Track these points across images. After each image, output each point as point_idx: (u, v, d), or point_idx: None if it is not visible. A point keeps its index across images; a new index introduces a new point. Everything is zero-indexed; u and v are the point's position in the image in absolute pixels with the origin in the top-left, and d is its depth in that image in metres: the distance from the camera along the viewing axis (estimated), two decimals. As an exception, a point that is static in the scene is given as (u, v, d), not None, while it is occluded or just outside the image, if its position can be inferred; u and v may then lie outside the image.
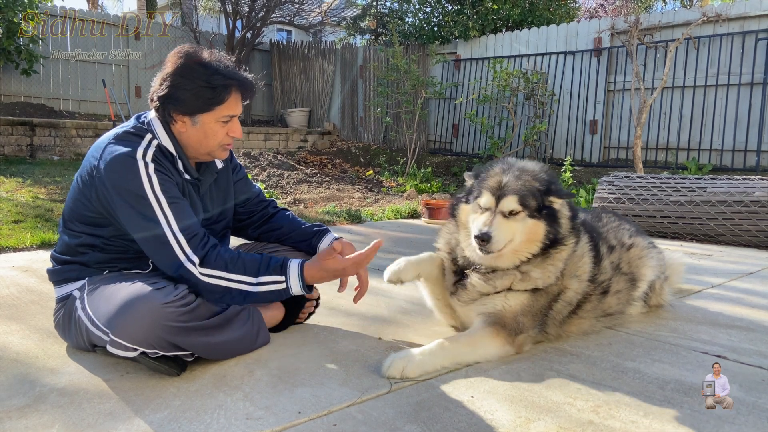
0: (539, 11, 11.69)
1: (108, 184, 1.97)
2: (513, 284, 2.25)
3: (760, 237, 5.03)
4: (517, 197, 2.17)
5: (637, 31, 8.23)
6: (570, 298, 2.36)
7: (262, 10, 13.20)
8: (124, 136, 2.07)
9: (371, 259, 2.18)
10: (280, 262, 2.08)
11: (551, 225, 2.22)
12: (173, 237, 1.97)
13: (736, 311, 2.97)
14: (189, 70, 2.06)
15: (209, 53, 2.13)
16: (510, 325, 2.21)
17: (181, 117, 2.09)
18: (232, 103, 2.11)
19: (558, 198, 2.24)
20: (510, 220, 2.17)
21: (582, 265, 2.38)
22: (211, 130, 2.11)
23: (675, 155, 8.77)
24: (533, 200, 2.19)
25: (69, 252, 2.14)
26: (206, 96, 2.06)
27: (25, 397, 1.78)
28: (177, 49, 2.15)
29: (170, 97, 2.06)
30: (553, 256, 2.26)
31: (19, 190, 6.25)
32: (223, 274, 2.00)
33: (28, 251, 4.01)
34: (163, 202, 1.98)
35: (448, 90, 11.08)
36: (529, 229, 2.19)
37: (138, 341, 1.83)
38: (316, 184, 8.62)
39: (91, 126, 9.95)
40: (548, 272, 2.25)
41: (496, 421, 1.69)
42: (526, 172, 2.27)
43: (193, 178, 2.20)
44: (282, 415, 1.69)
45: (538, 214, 2.20)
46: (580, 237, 2.38)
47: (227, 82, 2.08)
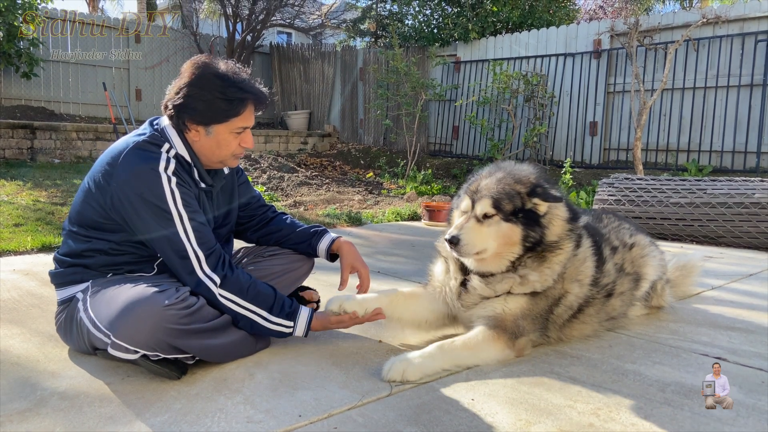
0: (539, 13, 11.71)
1: (130, 194, 1.98)
2: (512, 288, 2.25)
3: (761, 238, 5.03)
4: (490, 201, 2.19)
5: (636, 32, 8.24)
6: (571, 303, 2.36)
7: (262, 13, 13.22)
8: (144, 146, 2.07)
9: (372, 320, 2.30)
10: (292, 307, 2.15)
11: (530, 228, 2.21)
12: (193, 252, 2.02)
13: (736, 313, 2.97)
14: (206, 81, 2.08)
15: (225, 64, 2.14)
16: (510, 329, 2.21)
17: (195, 126, 2.11)
18: (246, 116, 2.15)
19: (543, 201, 2.22)
20: (483, 224, 2.20)
21: (584, 269, 2.37)
22: (225, 140, 2.14)
23: (675, 157, 8.77)
24: (509, 203, 2.19)
25: (74, 255, 2.14)
26: (222, 108, 2.09)
27: (26, 401, 1.78)
28: (194, 59, 2.16)
29: (186, 107, 2.08)
30: (549, 259, 2.26)
31: (20, 193, 6.25)
32: (239, 300, 2.06)
33: (28, 254, 4.01)
34: (185, 217, 2.02)
35: (448, 92, 11.10)
36: (503, 232, 2.19)
37: (139, 344, 1.84)
38: (317, 187, 8.62)
39: (92, 129, 9.97)
40: (545, 275, 2.25)
41: (496, 423, 1.69)
42: (511, 175, 2.28)
43: (207, 186, 2.23)
44: (283, 418, 1.69)
45: (514, 217, 2.20)
46: (581, 241, 2.37)
47: (243, 95, 2.11)
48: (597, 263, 2.43)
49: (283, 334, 2.14)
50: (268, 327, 2.10)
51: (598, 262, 2.44)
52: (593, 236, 2.49)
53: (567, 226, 2.31)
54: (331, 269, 3.81)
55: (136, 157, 2.02)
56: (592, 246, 2.43)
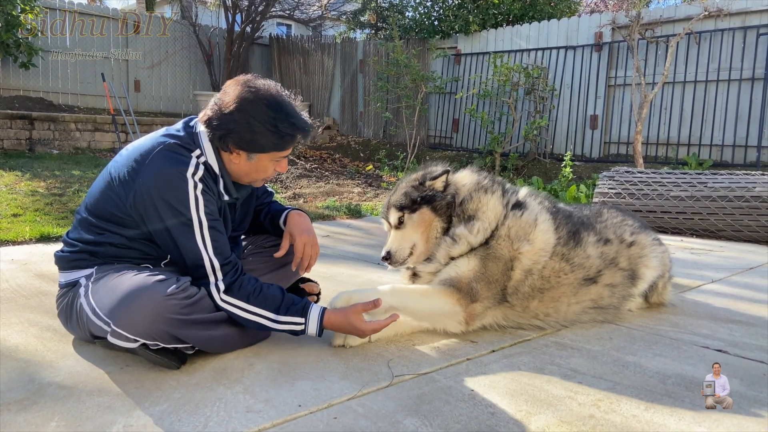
0: (540, 5, 11.65)
1: (154, 195, 1.96)
2: (451, 251, 2.39)
3: (761, 232, 5.03)
4: (395, 208, 2.47)
5: (638, 25, 8.20)
6: (527, 267, 2.39)
7: (261, 4, 13.14)
8: (175, 148, 2.03)
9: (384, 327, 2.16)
10: (302, 304, 2.08)
11: (436, 202, 2.43)
12: (208, 260, 2.00)
13: (736, 306, 2.97)
14: (257, 110, 2.01)
15: (276, 89, 2.09)
16: (465, 290, 2.29)
17: (238, 150, 2.07)
18: (290, 148, 2.16)
19: (432, 180, 2.46)
20: (401, 229, 2.45)
21: (533, 231, 2.43)
22: (264, 166, 2.14)
23: (675, 150, 8.75)
24: (407, 199, 2.45)
25: (83, 242, 2.12)
26: (272, 140, 2.06)
27: (24, 390, 1.77)
28: (242, 80, 2.09)
29: (232, 132, 2.02)
30: (475, 215, 2.40)
31: (18, 183, 6.23)
32: (243, 305, 2.02)
33: (27, 244, 4.00)
34: (204, 225, 1.99)
35: (449, 85, 11.06)
36: (417, 221, 2.44)
37: (139, 333, 1.83)
38: (316, 179, 8.61)
39: (90, 120, 9.93)
40: (474, 227, 2.39)
41: (496, 414, 1.69)
42: (405, 180, 2.57)
43: (231, 198, 2.20)
44: (282, 408, 1.68)
45: (417, 205, 2.44)
46: (523, 204, 2.51)
47: (294, 131, 2.08)
48: (564, 238, 2.51)
49: (294, 332, 2.08)
50: (279, 328, 2.05)
51: (566, 237, 2.51)
52: (558, 215, 2.57)
53: (477, 182, 2.51)
54: (333, 262, 3.81)
55: (166, 159, 1.99)
56: (549, 219, 2.52)
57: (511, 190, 2.58)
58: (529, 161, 9.71)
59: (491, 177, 2.61)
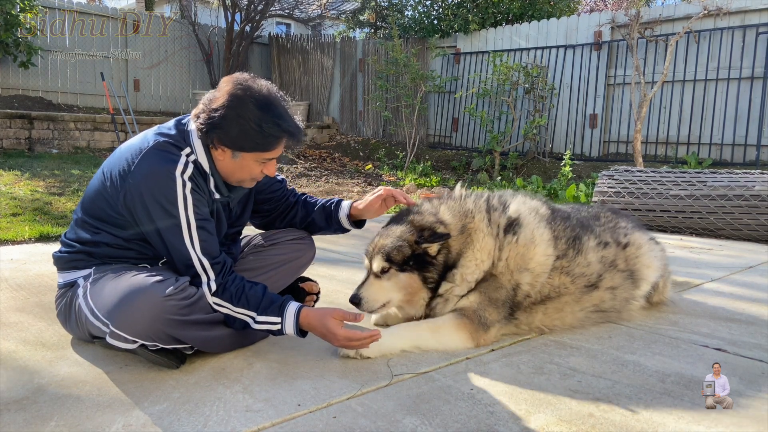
0: (539, 4, 11.65)
1: (144, 193, 1.95)
2: (446, 308, 2.27)
3: (760, 231, 5.03)
4: (382, 256, 2.22)
5: (637, 24, 8.20)
6: (527, 292, 2.34)
7: (261, 3, 13.13)
8: (165, 146, 2.02)
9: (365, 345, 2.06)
10: (279, 302, 2.05)
11: (427, 273, 2.23)
12: (197, 260, 1.99)
13: (736, 305, 2.97)
14: (244, 107, 1.99)
15: (268, 89, 2.07)
16: (474, 320, 2.23)
17: (222, 147, 2.05)
18: (277, 150, 2.09)
19: (429, 244, 2.21)
20: (382, 280, 2.24)
21: (532, 251, 2.33)
22: (248, 166, 2.10)
23: (675, 149, 8.75)
24: (399, 254, 2.21)
25: (81, 242, 2.12)
26: (255, 140, 2.02)
27: (23, 390, 1.77)
28: (237, 77, 2.07)
29: (218, 127, 2.00)
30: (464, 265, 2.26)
31: (18, 183, 6.23)
32: (229, 306, 2.02)
33: (26, 244, 4.00)
34: (193, 225, 1.98)
35: (448, 84, 11.05)
36: (403, 284, 2.24)
37: (138, 334, 1.83)
38: (315, 178, 8.61)
39: (90, 119, 9.92)
40: (469, 269, 2.26)
41: (496, 413, 1.69)
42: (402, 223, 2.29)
43: (223, 197, 2.18)
44: (282, 408, 1.68)
45: (407, 266, 2.22)
46: (518, 231, 2.33)
47: (279, 133, 2.04)
48: (563, 248, 2.41)
49: (273, 332, 2.05)
50: (259, 329, 2.03)
51: (566, 247, 2.41)
52: (556, 222, 2.46)
53: (462, 226, 2.29)
54: (332, 261, 3.81)
55: (155, 158, 1.98)
56: (548, 232, 2.40)
57: (499, 208, 2.41)
58: (529, 160, 9.71)
59: (473, 199, 2.42)
